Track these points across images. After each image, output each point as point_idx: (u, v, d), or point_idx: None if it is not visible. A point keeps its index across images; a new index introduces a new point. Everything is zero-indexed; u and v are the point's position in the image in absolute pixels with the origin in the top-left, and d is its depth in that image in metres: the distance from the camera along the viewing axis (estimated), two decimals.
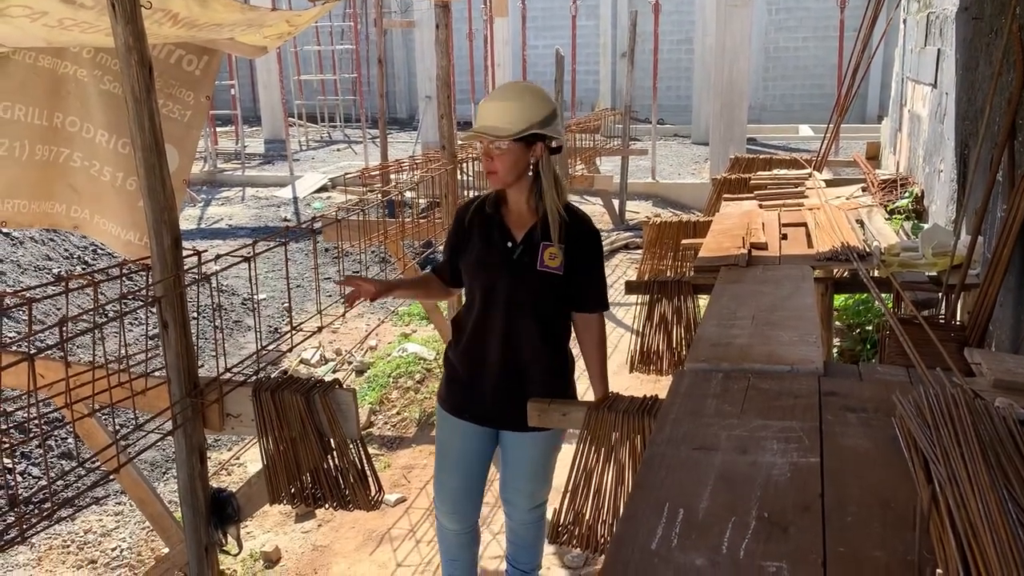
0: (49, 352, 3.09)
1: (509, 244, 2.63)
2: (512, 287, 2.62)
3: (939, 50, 5.56)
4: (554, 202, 2.60)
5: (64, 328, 2.15)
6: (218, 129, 15.16)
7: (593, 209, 11.17)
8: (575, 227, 2.64)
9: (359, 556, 3.74)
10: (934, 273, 3.66)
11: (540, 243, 2.60)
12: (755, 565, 1.35)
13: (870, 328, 5.27)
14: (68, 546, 3.88)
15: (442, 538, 2.97)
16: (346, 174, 6.22)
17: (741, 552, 1.39)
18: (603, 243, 2.85)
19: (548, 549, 3.45)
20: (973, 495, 1.40)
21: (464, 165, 5.51)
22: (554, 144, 2.58)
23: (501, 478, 2.90)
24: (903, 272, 3.67)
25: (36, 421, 2.48)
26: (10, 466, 4.16)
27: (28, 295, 2.40)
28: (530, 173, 2.59)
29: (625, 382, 4.70)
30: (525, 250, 2.61)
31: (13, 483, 4.04)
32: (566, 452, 2.75)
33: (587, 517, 2.52)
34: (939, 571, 1.20)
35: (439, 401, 2.88)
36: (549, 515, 2.75)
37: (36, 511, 2.46)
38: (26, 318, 2.21)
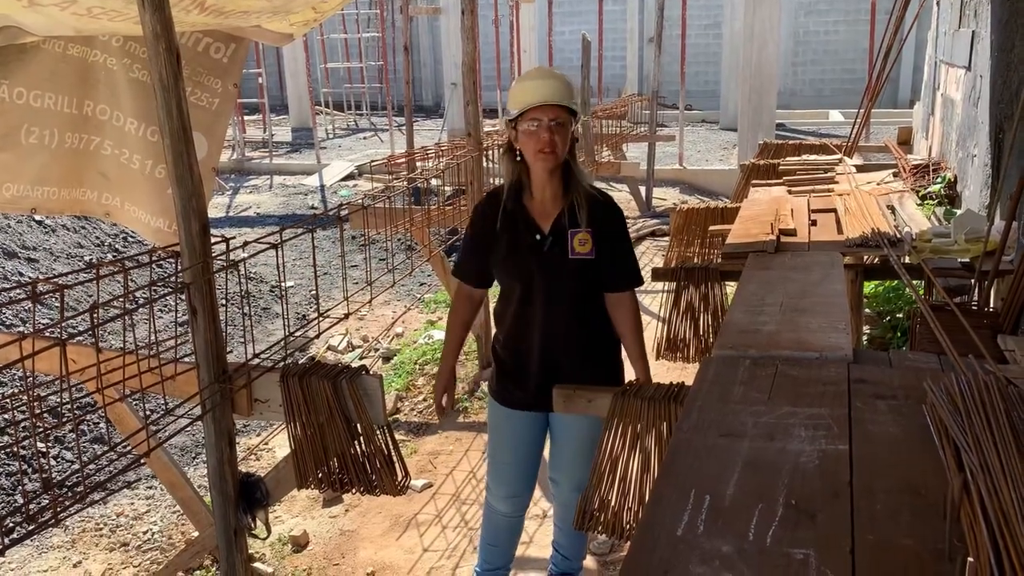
0: (80, 338, 3.13)
1: (538, 237, 2.62)
2: (547, 280, 2.61)
3: (974, 32, 5.45)
4: (586, 185, 2.61)
5: (95, 314, 2.18)
6: (246, 117, 15.26)
7: (620, 196, 11.11)
8: (599, 208, 2.63)
9: (386, 541, 3.76)
10: (967, 259, 3.60)
11: (568, 230, 2.58)
12: (782, 552, 1.34)
13: (900, 316, 5.20)
14: (101, 529, 3.95)
15: (490, 522, 3.00)
16: (372, 161, 6.23)
17: (768, 539, 1.38)
18: (632, 229, 2.84)
19: None
20: (1006, 483, 1.37)
21: (490, 152, 5.50)
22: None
23: (550, 457, 2.94)
24: (935, 258, 3.61)
25: (68, 406, 2.52)
26: (44, 450, 4.23)
27: (60, 282, 2.43)
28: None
29: (652, 369, 4.67)
30: (555, 240, 2.60)
31: (47, 467, 4.11)
32: None
33: (613, 504, 2.52)
34: (970, 559, 1.18)
35: (490, 392, 2.92)
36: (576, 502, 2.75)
37: (69, 494, 2.50)
38: (58, 305, 2.24)
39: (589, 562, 3.49)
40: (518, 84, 2.57)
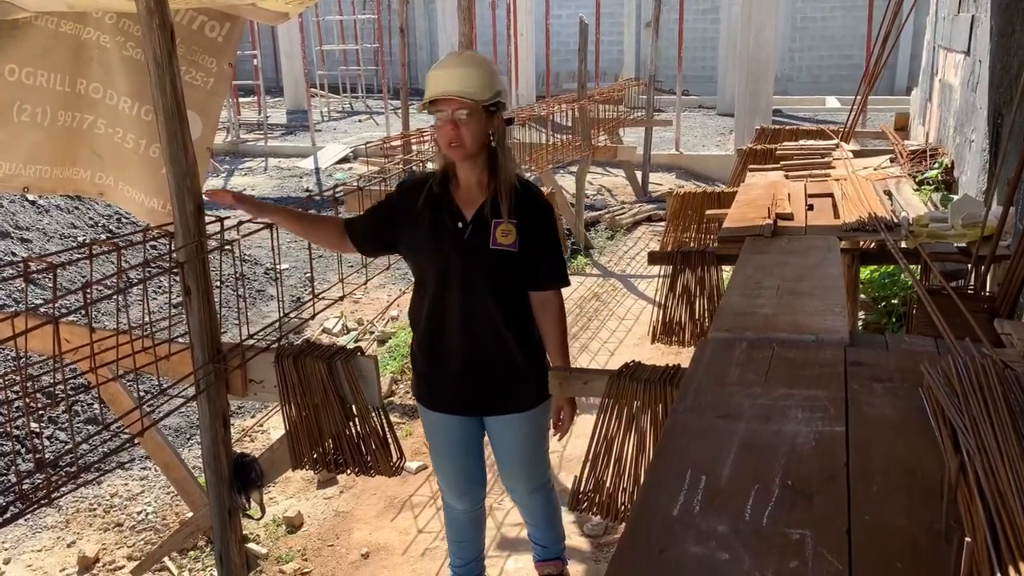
0: (74, 318, 3.11)
1: (459, 224, 2.51)
2: (465, 269, 2.50)
3: (973, 16, 5.43)
4: (511, 175, 2.51)
5: (88, 293, 2.16)
6: (241, 100, 15.19)
7: (616, 181, 11.11)
8: (528, 201, 2.53)
9: (380, 522, 3.77)
10: (963, 244, 3.60)
11: (491, 220, 2.49)
12: (778, 533, 1.34)
13: (896, 302, 5.20)
14: (95, 509, 3.94)
15: (450, 519, 2.95)
16: (368, 144, 6.20)
17: (764, 519, 1.37)
18: (627, 214, 2.81)
19: (568, 518, 3.46)
20: (1003, 464, 1.37)
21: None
22: (506, 116, 2.51)
23: (497, 465, 2.86)
24: (931, 243, 3.61)
25: (61, 386, 2.51)
26: (37, 430, 4.22)
27: (52, 260, 2.41)
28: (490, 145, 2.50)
29: (647, 353, 4.68)
30: (476, 229, 2.50)
31: (41, 447, 4.10)
32: (585, 421, 2.74)
33: (607, 485, 2.52)
34: (967, 540, 1.18)
35: (415, 396, 2.81)
36: (569, 484, 2.75)
37: (63, 474, 2.49)
38: (51, 285, 2.23)
39: (583, 543, 3.50)
40: (431, 72, 2.44)
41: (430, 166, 5.91)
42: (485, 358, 2.60)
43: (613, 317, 6.36)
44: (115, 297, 2.37)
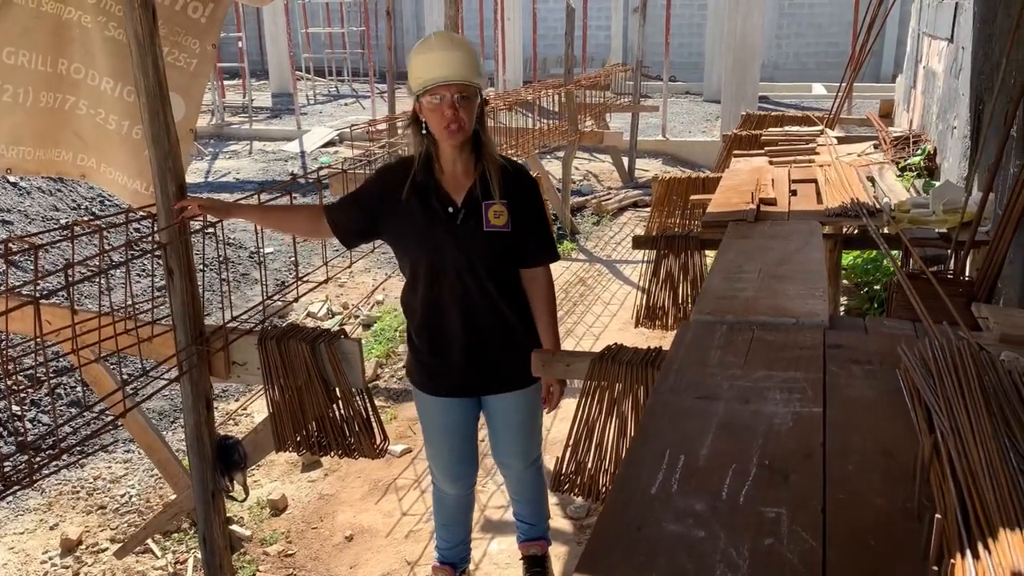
0: (56, 300, 3.10)
1: (451, 209, 2.49)
2: (462, 253, 2.49)
3: (957, 3, 5.45)
4: (496, 154, 2.52)
5: (70, 273, 2.15)
6: (225, 82, 15.06)
7: (602, 166, 11.11)
8: (515, 179, 2.54)
9: (365, 505, 3.78)
10: (944, 230, 3.63)
11: (482, 202, 2.48)
12: (755, 511, 1.35)
13: (878, 287, 5.25)
14: (78, 492, 3.94)
15: (439, 503, 2.96)
16: (353, 127, 6.17)
17: (741, 498, 1.39)
18: (614, 200, 2.81)
19: (551, 500, 3.48)
20: (975, 444, 1.39)
21: None
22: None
23: (491, 441, 2.87)
24: (913, 229, 3.64)
25: (44, 368, 2.50)
26: (19, 413, 4.20)
27: (33, 241, 2.40)
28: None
29: (631, 338, 4.70)
30: (468, 213, 2.49)
31: (23, 429, 4.09)
32: (567, 405, 2.75)
33: (589, 467, 2.54)
34: (938, 516, 1.20)
35: (410, 380, 2.80)
36: (551, 465, 2.77)
37: (45, 456, 2.49)
38: (33, 267, 2.22)
39: (565, 525, 3.52)
40: (419, 55, 2.40)
41: (409, 150, 5.89)
42: (486, 339, 2.60)
43: (598, 302, 6.38)
44: (97, 279, 2.37)
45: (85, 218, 6.77)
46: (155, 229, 2.53)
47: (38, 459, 2.34)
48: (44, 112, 3.33)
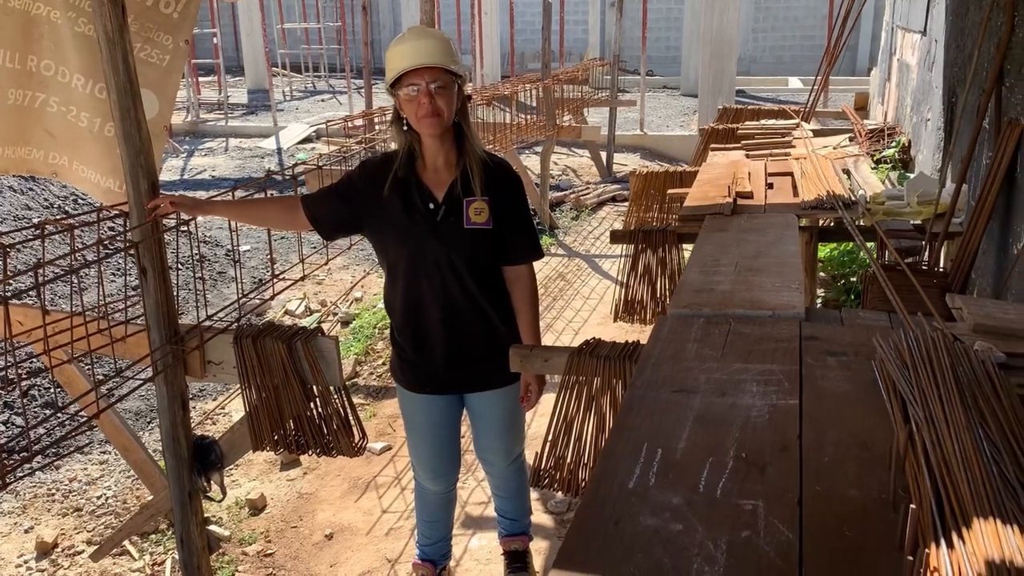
0: (27, 300, 3.06)
1: (431, 206, 2.47)
2: (442, 250, 2.46)
3: None
4: (479, 150, 2.50)
5: (40, 273, 2.12)
6: (200, 79, 14.93)
7: (580, 161, 11.11)
8: (498, 176, 2.52)
9: (344, 503, 3.76)
10: (918, 221, 3.66)
11: (463, 199, 2.46)
12: (732, 503, 1.36)
13: (855, 279, 5.28)
14: (53, 494, 3.89)
15: (422, 500, 2.95)
16: (329, 122, 6.13)
17: (718, 491, 1.39)
18: (592, 195, 2.80)
19: (532, 496, 3.48)
20: (949, 434, 1.40)
21: None
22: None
23: (474, 438, 2.87)
24: (888, 220, 3.67)
25: (14, 368, 2.46)
26: None
27: (2, 241, 2.36)
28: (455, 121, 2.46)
29: (610, 332, 4.71)
30: (449, 209, 2.46)
31: None
32: (547, 400, 2.75)
33: (568, 462, 2.54)
34: (912, 507, 1.21)
35: (393, 377, 2.79)
36: (531, 460, 2.77)
37: (17, 458, 2.45)
38: (1, 266, 2.19)
39: (547, 520, 3.52)
40: (392, 47, 2.38)
41: (393, 146, 5.87)
42: (468, 337, 2.59)
43: (578, 296, 6.38)
44: (69, 278, 2.33)
45: (57, 217, 6.69)
46: (127, 227, 2.50)
47: (11, 461, 2.30)
48: (13, 110, 3.28)
